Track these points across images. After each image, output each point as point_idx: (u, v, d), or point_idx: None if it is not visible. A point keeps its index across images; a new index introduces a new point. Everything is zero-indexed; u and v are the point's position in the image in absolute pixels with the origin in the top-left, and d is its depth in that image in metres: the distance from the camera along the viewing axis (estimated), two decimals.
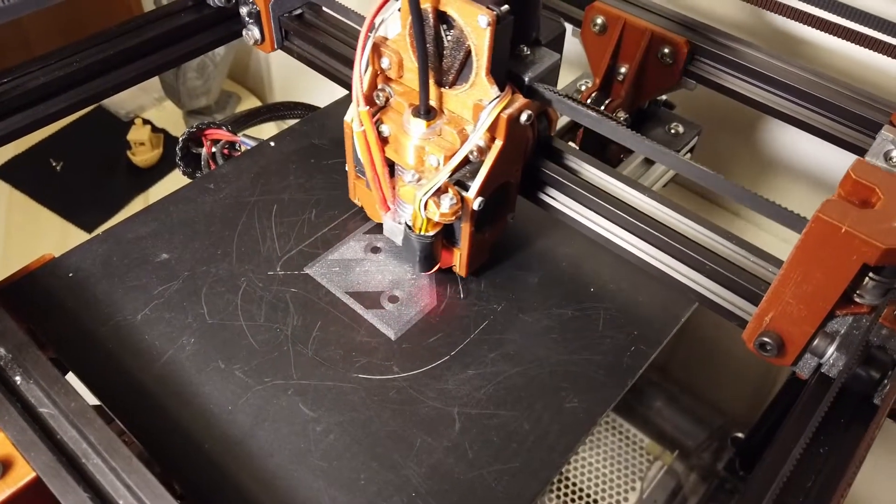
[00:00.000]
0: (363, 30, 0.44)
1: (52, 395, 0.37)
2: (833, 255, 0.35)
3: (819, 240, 0.35)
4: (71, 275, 0.51)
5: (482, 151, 0.44)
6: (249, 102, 1.52)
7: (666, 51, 0.62)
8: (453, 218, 0.45)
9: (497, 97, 0.43)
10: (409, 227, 0.47)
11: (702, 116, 0.73)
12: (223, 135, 0.63)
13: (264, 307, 0.49)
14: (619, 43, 0.64)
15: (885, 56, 0.51)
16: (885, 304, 0.38)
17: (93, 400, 0.42)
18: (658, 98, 0.72)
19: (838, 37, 0.56)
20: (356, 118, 0.46)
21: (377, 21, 0.44)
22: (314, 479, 0.41)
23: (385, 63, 0.46)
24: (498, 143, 0.44)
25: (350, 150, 0.51)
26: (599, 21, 0.64)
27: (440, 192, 0.44)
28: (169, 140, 1.48)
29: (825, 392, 0.38)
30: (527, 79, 0.46)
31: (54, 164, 1.44)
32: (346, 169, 0.53)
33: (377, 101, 0.47)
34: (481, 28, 0.41)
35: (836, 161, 0.75)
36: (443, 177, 0.44)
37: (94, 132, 1.49)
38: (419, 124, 0.45)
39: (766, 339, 0.40)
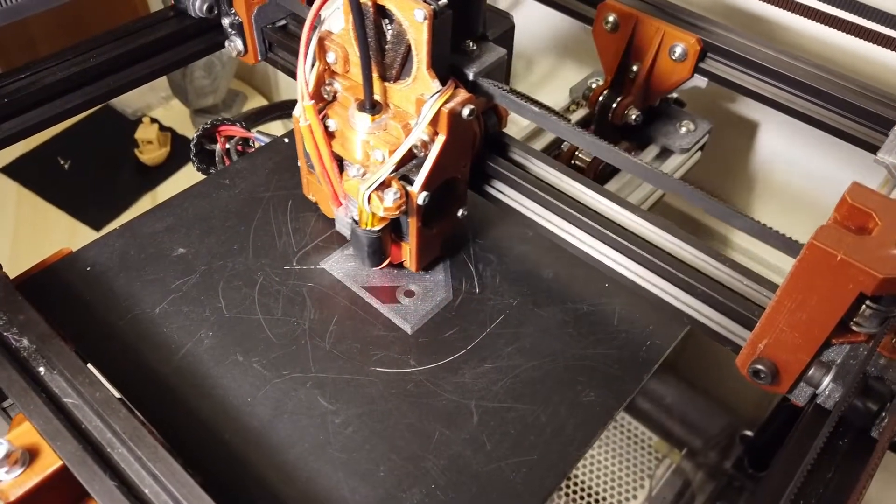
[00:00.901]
0: (307, 24, 0.43)
1: (76, 385, 0.38)
2: (828, 283, 0.33)
3: (814, 267, 0.33)
4: (89, 269, 0.51)
5: (426, 146, 0.44)
6: (256, 101, 1.53)
7: (678, 48, 0.62)
8: (397, 212, 0.45)
9: (438, 91, 0.43)
10: (356, 222, 0.47)
11: (712, 113, 0.73)
12: (237, 131, 0.64)
13: (281, 301, 0.50)
14: (630, 40, 0.65)
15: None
16: (882, 332, 0.36)
17: (113, 392, 0.43)
18: (669, 95, 0.72)
19: (848, 33, 0.56)
20: (302, 113, 0.46)
21: (322, 15, 0.44)
22: (334, 471, 0.42)
23: (331, 58, 0.45)
24: (441, 138, 0.44)
25: (300, 145, 0.51)
26: (611, 19, 0.65)
27: (384, 186, 0.44)
28: (176, 138, 1.49)
29: (821, 424, 0.36)
30: (471, 74, 0.46)
31: (62, 162, 1.44)
32: (299, 164, 0.53)
33: (325, 96, 0.47)
34: (419, 22, 0.41)
35: (844, 159, 0.75)
36: (385, 171, 0.44)
37: (101, 131, 1.49)
38: (364, 119, 0.45)
39: (759, 367, 0.39)
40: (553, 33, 0.66)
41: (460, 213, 0.51)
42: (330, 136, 0.47)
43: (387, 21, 0.42)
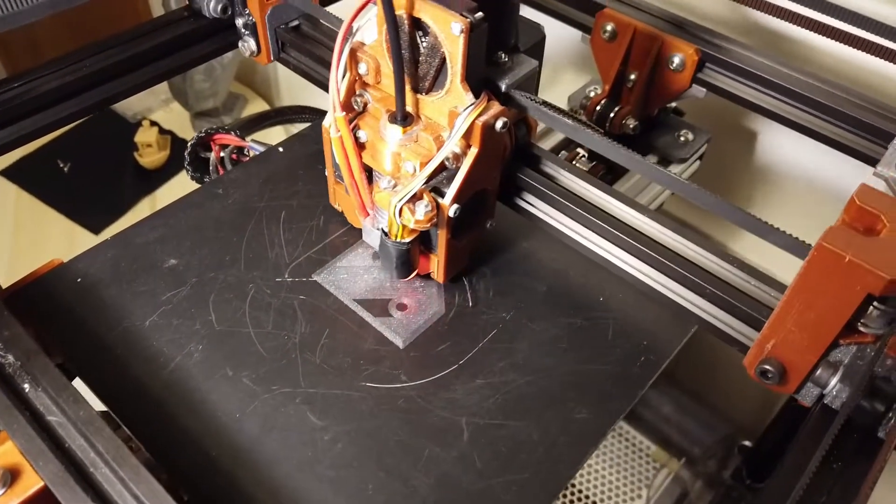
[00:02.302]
0: (340, 35, 0.43)
1: (60, 403, 0.37)
2: (836, 284, 0.33)
3: (822, 268, 0.33)
4: (79, 280, 0.51)
5: (458, 158, 0.44)
6: (256, 105, 1.53)
7: (676, 58, 0.61)
8: (428, 225, 0.44)
9: (472, 104, 0.43)
10: (386, 234, 0.47)
11: (710, 124, 0.73)
12: (232, 140, 0.63)
13: (272, 314, 0.49)
14: (629, 50, 0.64)
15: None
16: (890, 333, 0.36)
17: (98, 405, 0.42)
18: (668, 105, 0.71)
19: (849, 45, 0.56)
20: (333, 123, 0.46)
21: (354, 26, 0.44)
22: (322, 488, 0.41)
23: (363, 69, 0.45)
24: (473, 150, 0.44)
25: (329, 155, 0.50)
26: (609, 28, 0.64)
27: (415, 198, 0.44)
28: (176, 142, 1.49)
29: (827, 424, 0.37)
30: (503, 86, 0.46)
31: (62, 165, 1.44)
32: (326, 174, 0.53)
33: (355, 107, 0.47)
34: (455, 35, 0.40)
35: (843, 171, 0.75)
36: (418, 183, 0.43)
37: (101, 134, 1.49)
38: (395, 130, 0.45)
39: (767, 367, 0.39)
40: (551, 42, 0.66)
41: (488, 224, 0.51)
42: (360, 147, 0.47)
43: (421, 33, 0.42)
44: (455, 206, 0.45)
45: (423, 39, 0.42)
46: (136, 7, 1.53)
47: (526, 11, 0.76)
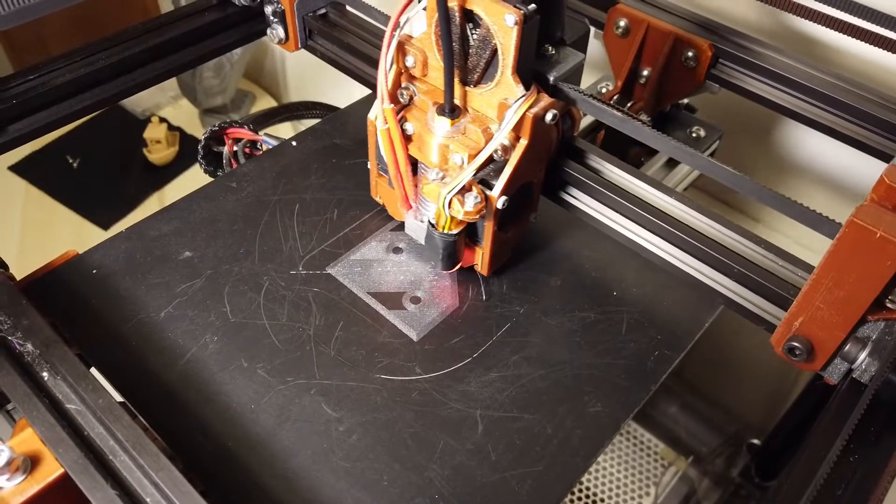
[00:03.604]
0: (388, 28, 0.44)
1: (79, 392, 0.37)
2: (867, 260, 0.34)
3: (853, 245, 0.34)
4: (94, 271, 0.51)
5: (506, 150, 0.44)
6: (265, 101, 1.53)
7: (689, 54, 0.61)
8: (477, 216, 0.45)
9: (523, 96, 0.43)
10: (433, 226, 0.47)
11: (723, 120, 0.73)
12: (245, 134, 0.63)
13: (287, 306, 0.49)
14: (641, 46, 0.64)
15: None
16: None
17: (116, 397, 0.42)
18: (680, 101, 0.71)
19: (864, 41, 0.55)
20: (380, 116, 0.46)
21: (402, 19, 0.44)
22: (337, 480, 0.41)
23: (410, 61, 0.46)
24: (523, 142, 0.44)
25: (373, 147, 0.51)
26: (622, 23, 0.64)
27: (464, 190, 0.44)
28: (185, 138, 1.49)
29: (856, 399, 0.38)
30: (552, 78, 0.46)
31: (71, 161, 1.44)
32: (369, 167, 0.53)
33: (401, 99, 0.47)
34: (508, 27, 0.41)
35: (858, 167, 0.74)
36: (467, 175, 0.44)
37: (110, 130, 1.50)
38: (444, 123, 0.45)
39: (795, 344, 0.39)
40: None
41: (532, 217, 0.51)
42: (406, 139, 0.47)
43: (471, 25, 0.42)
44: (503, 197, 0.45)
45: (474, 31, 0.42)
46: (144, 2, 1.53)
47: None
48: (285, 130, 0.68)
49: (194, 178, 1.34)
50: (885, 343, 0.39)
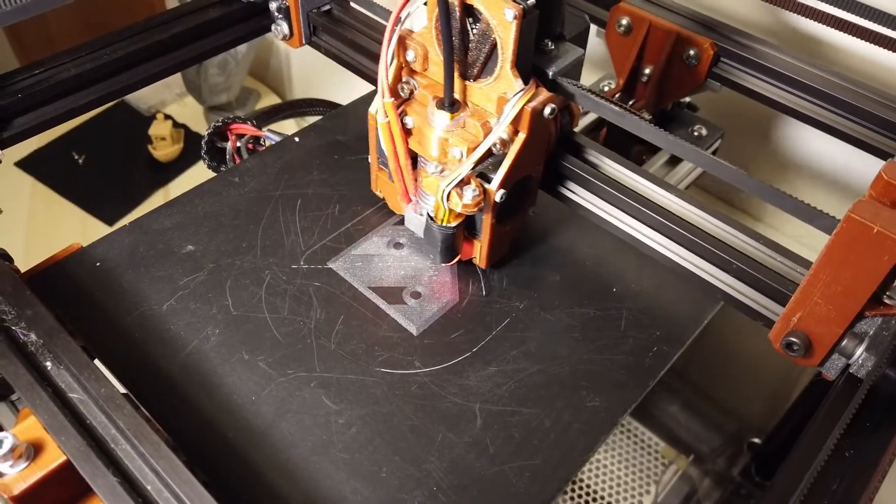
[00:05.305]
0: (389, 23, 0.44)
1: (81, 381, 0.38)
2: (864, 255, 0.34)
3: (850, 240, 0.35)
4: (98, 264, 0.51)
5: (505, 144, 0.45)
6: (269, 99, 1.54)
7: (691, 52, 0.61)
8: (475, 209, 0.45)
9: (521, 90, 0.43)
10: (431, 218, 0.48)
11: (724, 119, 0.73)
12: (248, 129, 0.64)
13: (288, 300, 0.50)
14: (643, 44, 0.64)
15: None
16: None
17: (119, 388, 0.43)
18: (681, 100, 0.72)
19: (865, 40, 0.55)
20: (381, 109, 0.46)
21: (403, 14, 0.44)
22: (336, 471, 0.42)
23: (410, 56, 0.46)
24: (521, 136, 0.44)
25: (373, 141, 0.51)
26: (624, 22, 0.64)
27: (463, 183, 0.44)
28: (190, 135, 1.49)
29: (852, 393, 0.38)
30: (551, 73, 0.47)
31: (76, 157, 1.45)
32: (369, 160, 0.54)
33: (401, 94, 0.48)
34: (507, 21, 0.41)
35: (858, 166, 0.74)
36: (466, 168, 0.44)
37: (115, 126, 1.51)
38: (443, 116, 0.45)
39: (793, 339, 0.40)
40: None
41: (531, 212, 0.52)
42: (406, 133, 0.47)
43: (471, 20, 0.43)
44: (501, 191, 0.45)
45: (474, 26, 0.43)
46: (151, 2, 1.54)
47: None
48: (289, 127, 0.69)
49: (199, 174, 1.34)
50: (882, 338, 0.39)
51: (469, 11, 0.42)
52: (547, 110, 0.44)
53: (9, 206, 1.37)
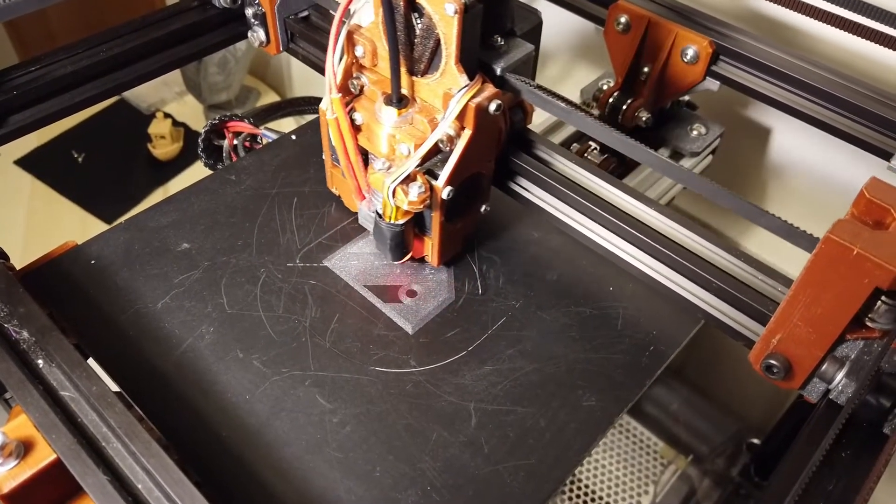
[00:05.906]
0: (336, 17, 0.44)
1: (73, 379, 0.38)
2: (844, 277, 0.33)
3: (830, 261, 0.33)
4: (93, 262, 0.51)
5: (452, 140, 0.44)
6: (269, 98, 1.53)
7: (690, 51, 0.61)
8: (422, 206, 0.45)
9: (466, 86, 0.43)
10: (379, 215, 0.47)
11: (724, 117, 0.72)
12: (245, 127, 0.64)
13: (283, 298, 0.50)
14: (642, 42, 0.64)
15: None
16: None
17: (112, 386, 0.43)
18: (680, 98, 0.71)
19: (864, 38, 0.55)
20: (329, 105, 0.46)
21: (352, 9, 0.44)
22: (330, 470, 0.41)
23: (359, 51, 0.46)
24: (467, 132, 0.44)
25: (326, 138, 0.51)
26: (623, 20, 0.64)
27: (409, 180, 0.44)
28: (189, 134, 1.49)
29: (832, 419, 0.36)
30: (498, 69, 0.46)
31: (76, 155, 1.45)
32: (324, 158, 0.53)
33: (352, 90, 0.47)
34: (449, 16, 0.41)
35: (858, 165, 0.74)
36: (411, 164, 0.44)
37: (115, 125, 1.50)
38: (391, 112, 0.45)
39: (772, 362, 0.38)
40: (564, 34, 0.66)
41: (483, 208, 0.51)
42: (356, 129, 0.47)
43: (416, 15, 0.42)
44: (448, 188, 0.45)
45: (419, 21, 0.42)
46: (152, 1, 1.54)
47: (540, 4, 0.76)
48: (288, 125, 0.69)
49: (198, 173, 1.34)
50: (864, 363, 0.37)
51: (413, 6, 0.42)
52: (492, 106, 0.44)
53: (8, 204, 1.37)
